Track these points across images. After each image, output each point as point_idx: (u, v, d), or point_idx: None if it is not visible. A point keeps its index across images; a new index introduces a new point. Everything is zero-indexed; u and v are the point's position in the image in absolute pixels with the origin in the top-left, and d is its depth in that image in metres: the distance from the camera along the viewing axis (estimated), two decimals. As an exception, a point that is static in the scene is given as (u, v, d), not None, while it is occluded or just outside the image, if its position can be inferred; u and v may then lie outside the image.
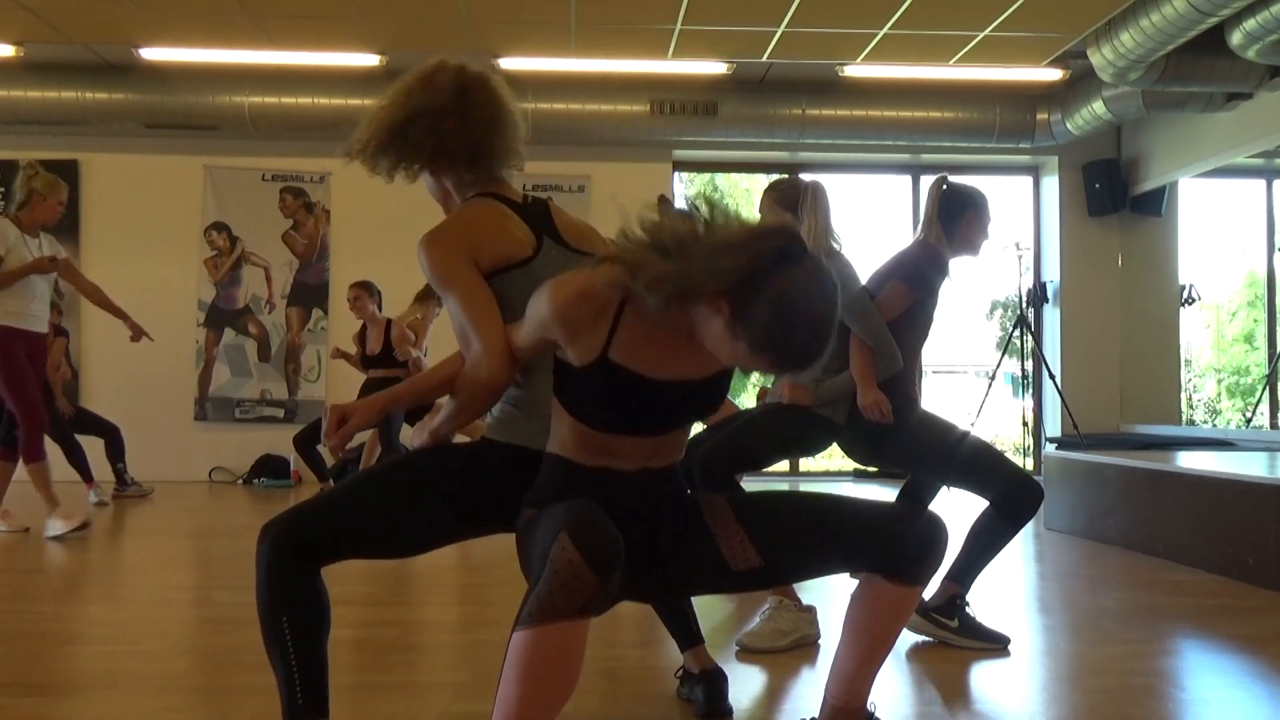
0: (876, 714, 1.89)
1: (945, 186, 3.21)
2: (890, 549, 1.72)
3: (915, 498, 3.30)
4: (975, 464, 3.00)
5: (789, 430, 3.08)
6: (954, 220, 3.21)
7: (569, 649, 1.49)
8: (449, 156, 2.00)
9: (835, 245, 3.14)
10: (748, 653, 2.83)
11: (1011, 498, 2.94)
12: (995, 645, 2.93)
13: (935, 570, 1.76)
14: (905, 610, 1.79)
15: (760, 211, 3.34)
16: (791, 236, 1.56)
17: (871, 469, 7.55)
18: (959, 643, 2.91)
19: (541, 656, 1.48)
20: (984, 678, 2.70)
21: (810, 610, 2.97)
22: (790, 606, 2.93)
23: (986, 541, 2.99)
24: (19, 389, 4.96)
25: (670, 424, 1.76)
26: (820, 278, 1.54)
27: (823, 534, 1.75)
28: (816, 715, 1.91)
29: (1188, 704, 2.48)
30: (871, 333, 3.05)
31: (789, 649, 2.87)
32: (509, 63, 7.63)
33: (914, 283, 3.14)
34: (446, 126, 1.97)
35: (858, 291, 3.08)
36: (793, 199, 3.19)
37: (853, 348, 3.05)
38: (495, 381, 1.81)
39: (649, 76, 7.86)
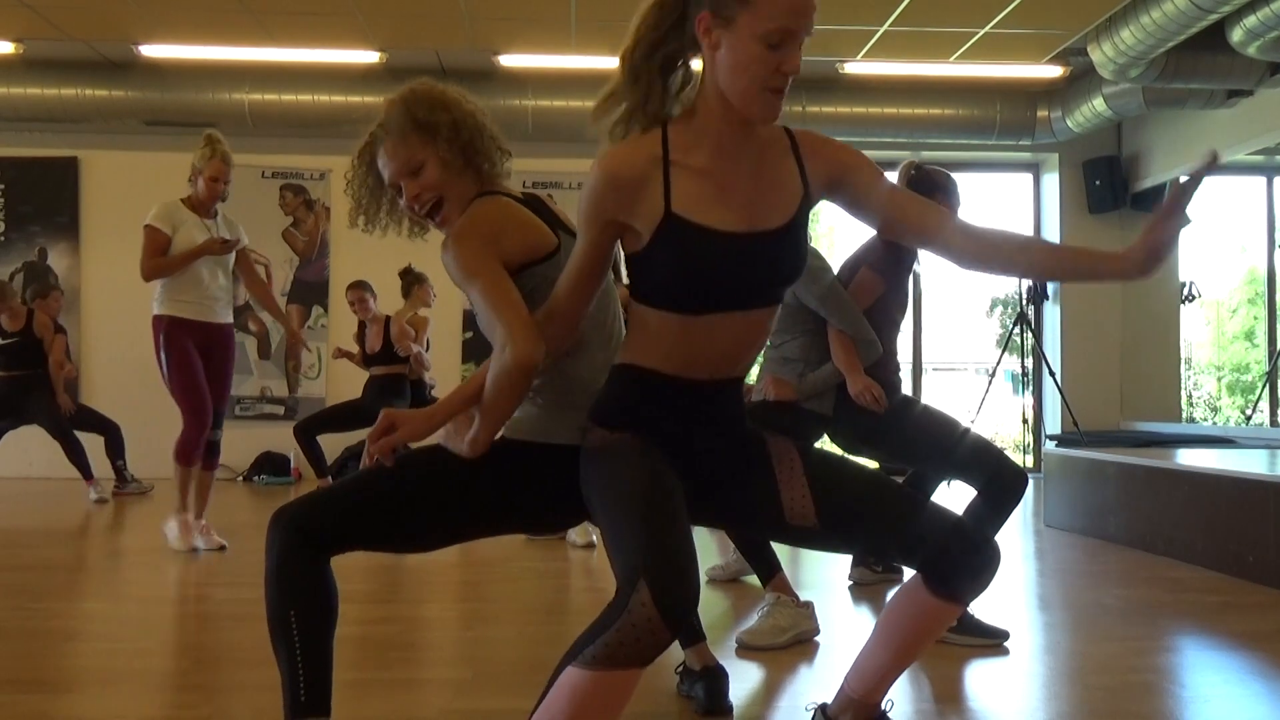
0: (890, 713, 1.89)
1: (915, 170, 3.22)
2: (945, 562, 1.67)
3: (919, 489, 3.31)
4: (975, 458, 3.01)
5: (777, 427, 3.09)
6: None
7: (624, 693, 1.46)
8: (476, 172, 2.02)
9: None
10: (748, 650, 2.83)
11: (999, 486, 2.96)
12: (994, 641, 2.93)
13: (979, 594, 1.73)
14: (942, 623, 1.77)
15: None
16: None
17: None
18: (957, 640, 2.91)
19: (597, 699, 1.44)
20: (983, 674, 2.70)
21: (808, 606, 2.97)
22: (788, 603, 2.93)
23: None
24: (183, 384, 4.59)
25: (751, 289, 1.68)
26: None
27: (883, 518, 1.71)
28: (826, 703, 1.90)
29: (1188, 701, 2.48)
30: (849, 321, 3.08)
31: (788, 645, 2.87)
32: (509, 60, 7.63)
33: (884, 270, 3.16)
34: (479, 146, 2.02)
35: (830, 281, 3.11)
36: None
37: (832, 339, 3.09)
38: (525, 359, 1.73)
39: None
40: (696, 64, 1.69)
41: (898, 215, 1.73)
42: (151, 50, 7.55)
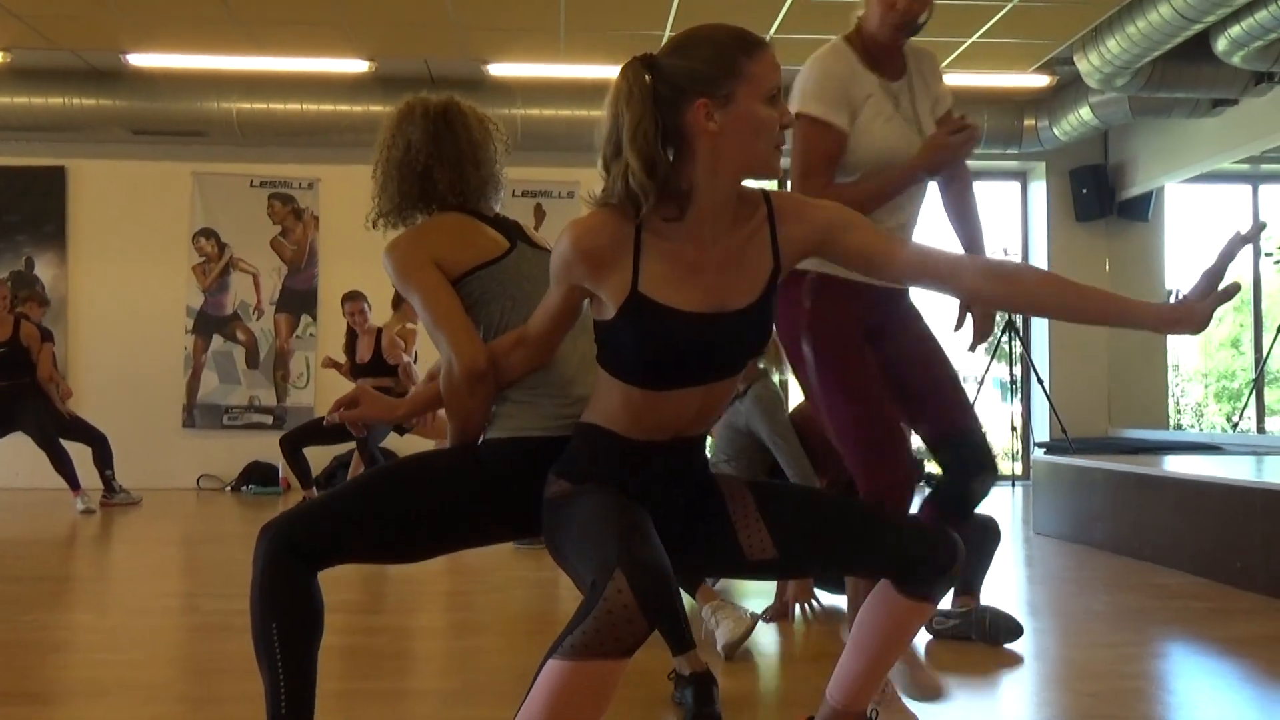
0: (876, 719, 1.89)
1: None
2: (907, 564, 1.69)
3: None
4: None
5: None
6: None
7: (605, 686, 1.45)
8: (439, 200, 2.02)
9: None
10: (734, 648, 2.80)
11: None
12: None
13: (949, 589, 1.75)
14: (915, 623, 1.78)
15: None
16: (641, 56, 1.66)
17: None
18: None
19: (577, 690, 1.44)
20: (972, 681, 2.70)
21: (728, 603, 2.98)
22: (719, 605, 2.90)
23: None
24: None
25: (713, 366, 1.70)
26: None
27: (840, 537, 1.74)
28: (812, 715, 1.90)
29: (1175, 707, 2.49)
30: (794, 463, 3.31)
31: (753, 625, 2.84)
32: (498, 69, 7.64)
33: None
34: (434, 172, 2.00)
35: (784, 421, 3.38)
36: None
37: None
38: (469, 370, 1.80)
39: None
40: None
41: (898, 266, 1.70)
42: (139, 59, 7.54)
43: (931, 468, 3.47)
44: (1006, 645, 2.95)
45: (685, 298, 1.64)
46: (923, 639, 2.99)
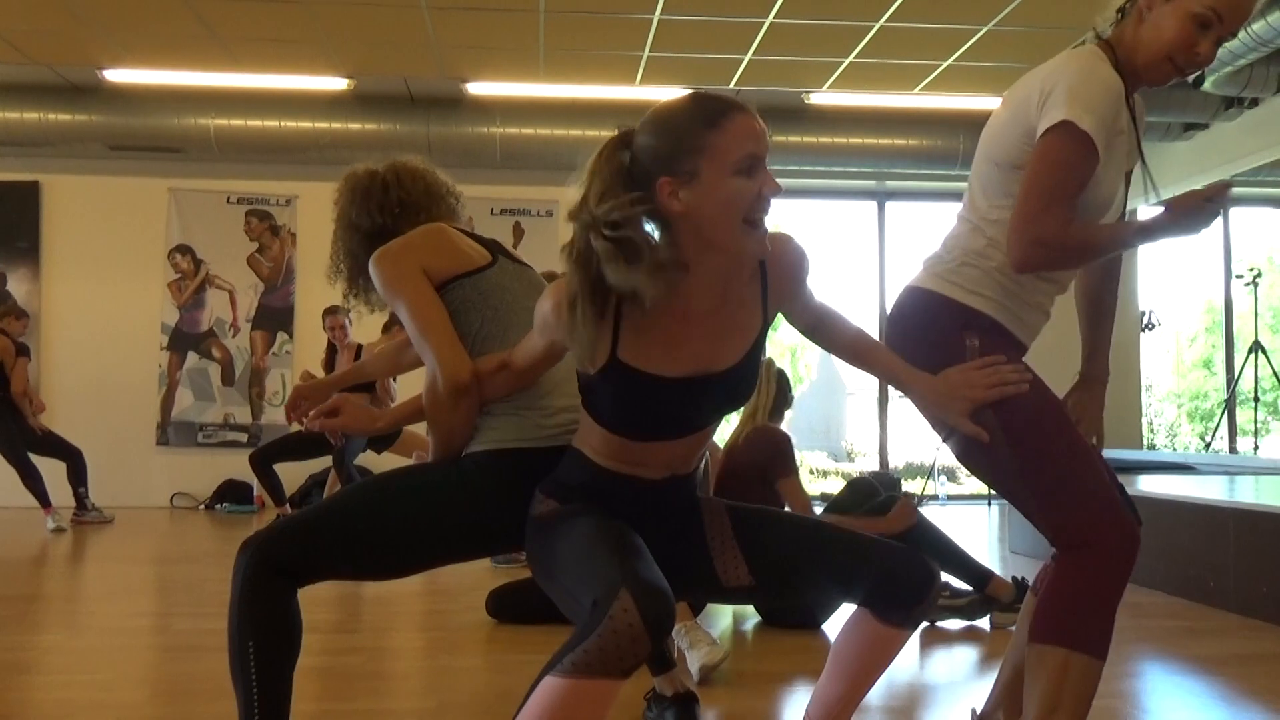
0: None
1: None
2: (882, 590, 1.68)
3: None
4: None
5: None
6: None
7: (600, 706, 1.44)
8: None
9: None
10: (710, 670, 2.80)
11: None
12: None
13: (925, 616, 1.74)
14: (893, 650, 1.77)
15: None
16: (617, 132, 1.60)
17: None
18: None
19: (573, 709, 1.42)
20: (944, 697, 2.71)
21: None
22: (689, 626, 2.92)
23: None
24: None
25: (695, 424, 1.71)
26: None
27: (815, 564, 1.73)
28: None
29: (1150, 726, 2.50)
30: None
31: (725, 652, 2.85)
32: (477, 87, 7.65)
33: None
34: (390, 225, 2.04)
35: None
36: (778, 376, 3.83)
37: None
38: (453, 382, 1.80)
39: (617, 103, 7.90)
40: None
41: (817, 327, 1.84)
42: (116, 75, 7.51)
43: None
44: (979, 665, 2.96)
45: (667, 364, 1.63)
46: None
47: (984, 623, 3.57)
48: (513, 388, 1.85)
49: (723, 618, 3.74)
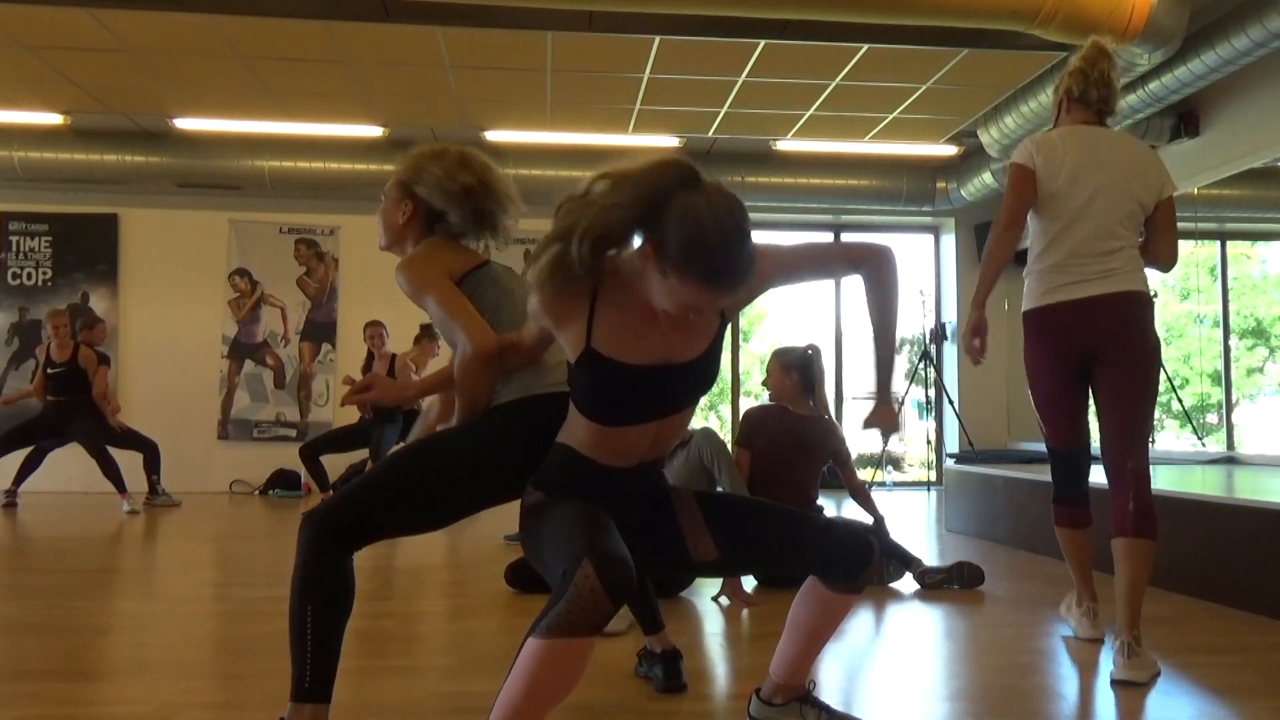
0: (815, 692, 1.89)
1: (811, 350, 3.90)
2: (828, 561, 1.70)
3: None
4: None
5: None
6: None
7: (576, 661, 1.44)
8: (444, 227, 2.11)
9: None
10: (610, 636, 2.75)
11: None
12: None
13: (868, 582, 1.74)
14: (841, 612, 1.78)
15: (768, 372, 3.87)
16: (686, 164, 1.51)
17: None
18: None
19: (551, 665, 1.43)
20: (889, 656, 2.71)
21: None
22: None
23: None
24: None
25: (661, 409, 1.69)
26: (722, 193, 1.48)
27: (773, 539, 1.74)
28: (760, 687, 1.90)
29: (1062, 677, 2.51)
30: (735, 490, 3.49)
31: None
32: (494, 135, 7.66)
33: (745, 442, 3.82)
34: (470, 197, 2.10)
35: (729, 459, 3.50)
36: (798, 361, 3.80)
37: None
38: (481, 349, 1.81)
39: (613, 148, 7.86)
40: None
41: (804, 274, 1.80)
42: (184, 123, 7.50)
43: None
44: (920, 627, 2.97)
45: (635, 353, 1.62)
46: (910, 585, 3.00)
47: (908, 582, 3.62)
48: (525, 360, 1.88)
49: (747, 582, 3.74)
